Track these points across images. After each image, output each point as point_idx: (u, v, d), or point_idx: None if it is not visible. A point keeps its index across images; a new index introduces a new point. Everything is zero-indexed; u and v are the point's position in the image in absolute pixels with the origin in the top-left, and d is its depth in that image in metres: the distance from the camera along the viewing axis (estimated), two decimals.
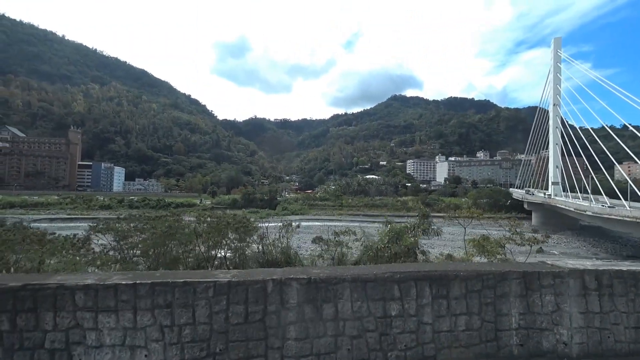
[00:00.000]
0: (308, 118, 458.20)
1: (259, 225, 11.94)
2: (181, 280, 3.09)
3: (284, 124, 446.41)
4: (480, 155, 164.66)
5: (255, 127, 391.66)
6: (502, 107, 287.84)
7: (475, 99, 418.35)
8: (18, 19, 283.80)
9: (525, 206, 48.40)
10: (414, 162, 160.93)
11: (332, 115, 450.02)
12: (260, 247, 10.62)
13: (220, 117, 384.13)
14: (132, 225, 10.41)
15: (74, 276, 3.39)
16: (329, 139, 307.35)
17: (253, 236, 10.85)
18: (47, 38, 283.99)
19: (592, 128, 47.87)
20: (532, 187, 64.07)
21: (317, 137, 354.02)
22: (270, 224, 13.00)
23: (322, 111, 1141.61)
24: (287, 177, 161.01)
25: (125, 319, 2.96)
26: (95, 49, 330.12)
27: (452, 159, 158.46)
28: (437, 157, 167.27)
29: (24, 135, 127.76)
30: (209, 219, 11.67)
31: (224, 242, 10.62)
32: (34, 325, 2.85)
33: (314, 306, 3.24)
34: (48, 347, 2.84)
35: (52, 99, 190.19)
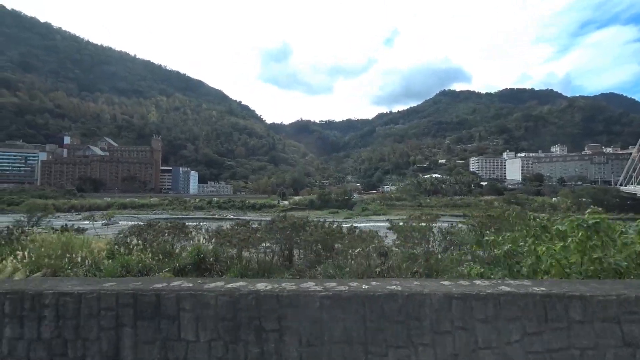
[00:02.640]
0: (352, 118, 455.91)
1: None
2: None
3: (329, 125, 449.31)
4: (556, 150, 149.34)
5: (301, 129, 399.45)
6: (568, 96, 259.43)
7: (535, 88, 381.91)
8: (99, 44, 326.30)
9: None
10: (478, 160, 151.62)
11: (376, 114, 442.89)
12: None
13: (268, 120, 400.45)
14: None
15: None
16: (376, 139, 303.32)
17: None
18: (122, 58, 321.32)
19: None
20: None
21: (364, 137, 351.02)
22: None
23: (365, 110, 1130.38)
24: (345, 178, 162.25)
25: None
26: (160, 64, 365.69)
27: (522, 154, 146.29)
28: (504, 153, 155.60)
29: (117, 145, 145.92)
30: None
31: None
32: None
33: None
34: None
35: (131, 111, 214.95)
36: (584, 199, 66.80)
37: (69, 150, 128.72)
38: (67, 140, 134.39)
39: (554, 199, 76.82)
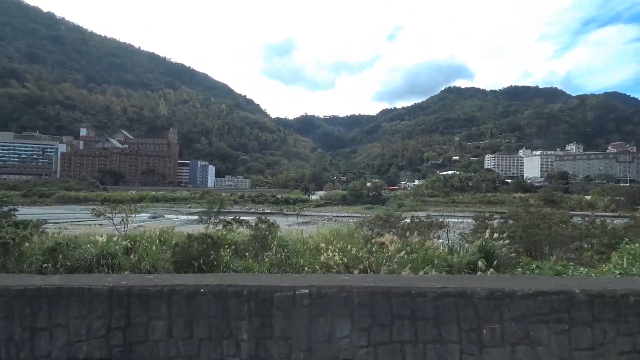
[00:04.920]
0: (356, 114, 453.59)
1: None
2: None
3: (333, 120, 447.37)
4: (572, 148, 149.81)
5: (306, 125, 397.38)
6: (572, 95, 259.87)
7: (538, 86, 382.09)
8: (104, 35, 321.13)
9: None
10: (494, 157, 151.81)
11: (380, 110, 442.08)
12: None
13: (272, 115, 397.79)
14: None
15: None
16: (383, 135, 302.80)
17: None
18: (128, 50, 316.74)
19: None
20: None
21: (370, 133, 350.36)
22: None
23: (368, 106, 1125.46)
24: (364, 174, 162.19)
25: None
26: (165, 57, 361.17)
27: (537, 152, 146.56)
28: (520, 151, 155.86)
29: (132, 137, 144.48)
30: None
31: None
32: None
33: None
34: None
35: (140, 104, 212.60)
36: (621, 198, 66.95)
37: (85, 142, 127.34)
38: (83, 132, 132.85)
39: (587, 197, 77.01)
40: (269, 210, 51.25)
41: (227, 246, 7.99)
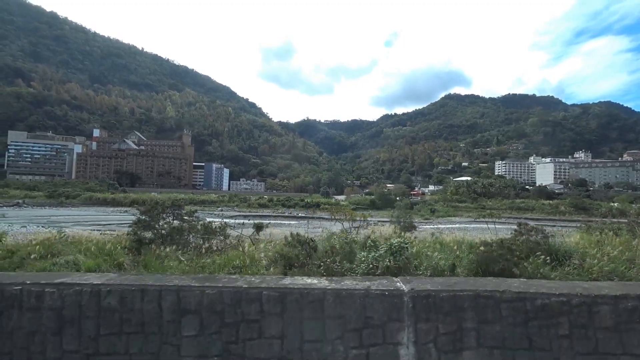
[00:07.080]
0: (357, 119, 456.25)
1: None
2: None
3: (334, 124, 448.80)
4: (580, 155, 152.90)
5: (308, 128, 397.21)
6: (569, 103, 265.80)
7: (533, 95, 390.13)
8: (107, 35, 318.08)
9: None
10: (505, 164, 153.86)
11: (381, 115, 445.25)
12: None
13: (274, 119, 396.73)
14: None
15: None
16: (386, 140, 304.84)
17: None
18: (131, 51, 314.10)
19: None
20: None
21: (372, 138, 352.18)
22: None
23: (367, 111, 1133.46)
24: (380, 179, 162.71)
25: None
26: (168, 59, 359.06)
27: (547, 159, 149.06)
28: (531, 158, 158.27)
29: (146, 139, 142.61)
30: None
31: None
32: None
33: None
34: None
35: (147, 105, 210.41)
36: None
37: (98, 143, 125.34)
38: (96, 132, 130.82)
39: (614, 204, 78.11)
40: (325, 216, 50.81)
41: None
